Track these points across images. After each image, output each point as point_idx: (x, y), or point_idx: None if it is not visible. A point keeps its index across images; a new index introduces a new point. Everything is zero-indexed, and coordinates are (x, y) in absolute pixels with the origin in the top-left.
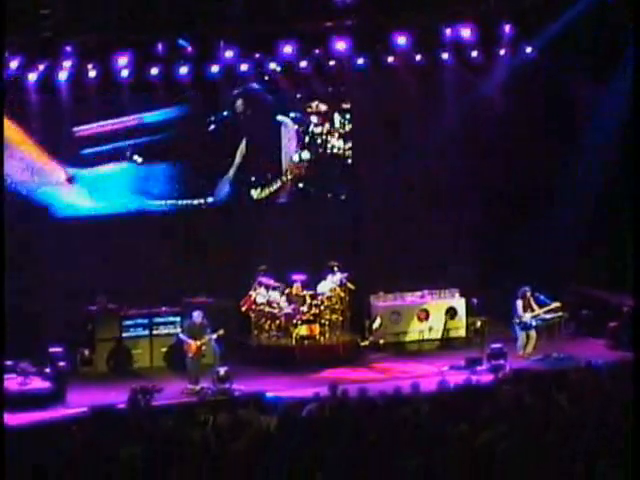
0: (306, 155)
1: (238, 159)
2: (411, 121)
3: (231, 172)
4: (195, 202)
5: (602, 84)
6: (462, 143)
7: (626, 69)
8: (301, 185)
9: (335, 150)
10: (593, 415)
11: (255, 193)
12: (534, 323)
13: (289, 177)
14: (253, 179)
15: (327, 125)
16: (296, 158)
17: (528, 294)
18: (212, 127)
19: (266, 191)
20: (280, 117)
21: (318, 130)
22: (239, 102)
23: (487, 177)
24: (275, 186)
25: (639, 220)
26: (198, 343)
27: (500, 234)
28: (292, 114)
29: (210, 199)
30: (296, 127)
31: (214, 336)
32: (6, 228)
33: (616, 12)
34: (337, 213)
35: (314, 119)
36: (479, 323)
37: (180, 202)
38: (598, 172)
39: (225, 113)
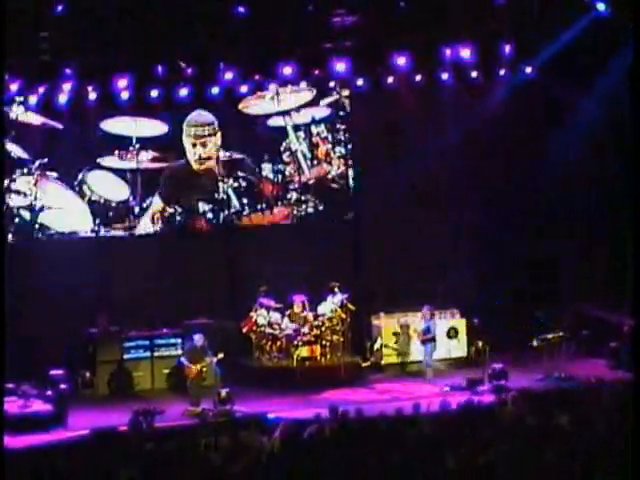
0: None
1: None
2: (412, 141)
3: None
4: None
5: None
6: (463, 162)
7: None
8: (302, 207)
9: (335, 172)
10: (594, 435)
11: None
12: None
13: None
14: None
15: (327, 146)
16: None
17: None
18: None
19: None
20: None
21: (318, 151)
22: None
23: (489, 194)
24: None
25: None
26: (198, 367)
27: (503, 250)
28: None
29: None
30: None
31: (215, 359)
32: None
33: (614, 27)
34: (337, 234)
35: (314, 140)
36: (480, 343)
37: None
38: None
39: None
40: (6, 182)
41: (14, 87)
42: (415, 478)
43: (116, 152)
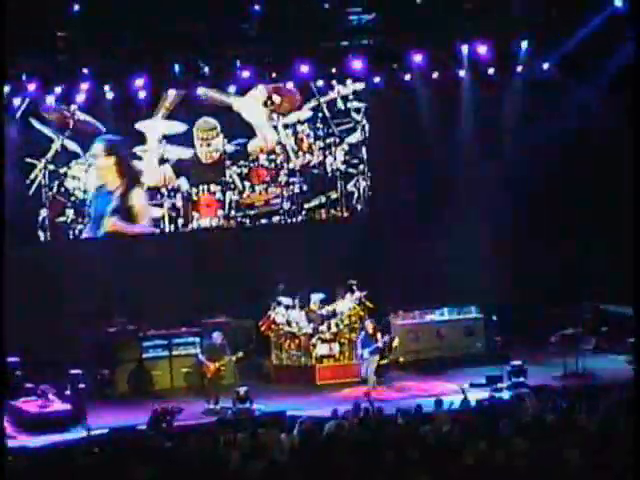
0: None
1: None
2: (428, 138)
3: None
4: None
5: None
6: (480, 160)
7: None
8: (290, 187)
9: (315, 161)
10: (614, 432)
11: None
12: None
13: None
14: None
15: (309, 141)
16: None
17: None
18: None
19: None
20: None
21: (302, 144)
22: None
23: (506, 192)
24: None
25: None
26: (217, 365)
27: (521, 248)
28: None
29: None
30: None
31: (233, 358)
32: (22, 249)
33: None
34: (356, 231)
35: (299, 136)
36: (499, 340)
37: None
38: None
39: None
40: (64, 169)
41: (32, 87)
42: (433, 475)
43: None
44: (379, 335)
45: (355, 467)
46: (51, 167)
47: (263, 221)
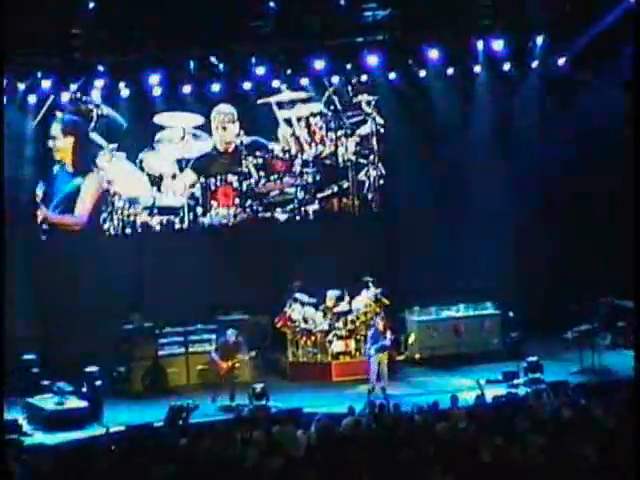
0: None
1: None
2: (444, 134)
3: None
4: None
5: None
6: (495, 157)
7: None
8: (304, 177)
9: (327, 151)
10: (631, 428)
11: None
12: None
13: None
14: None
15: (322, 133)
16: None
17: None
18: None
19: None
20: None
21: (315, 136)
22: None
23: (521, 188)
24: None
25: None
26: (230, 363)
27: (537, 245)
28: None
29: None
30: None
31: (246, 357)
32: (37, 245)
33: None
34: (371, 227)
35: (312, 128)
36: (515, 336)
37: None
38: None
39: None
40: None
41: (47, 84)
42: (449, 472)
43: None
44: (389, 333)
45: (371, 464)
46: None
47: (278, 210)
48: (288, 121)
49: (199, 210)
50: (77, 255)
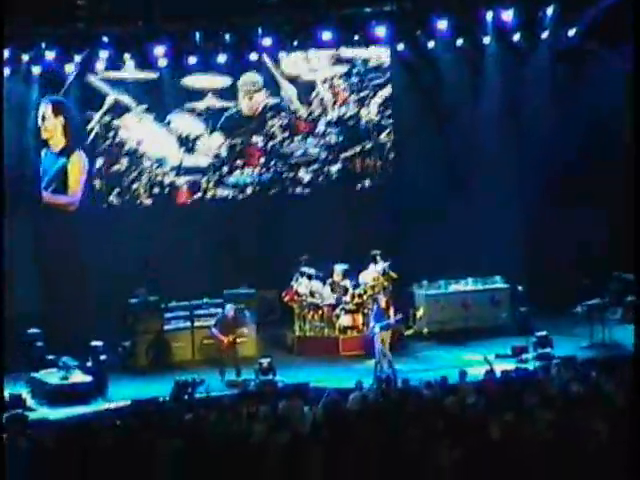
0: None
1: None
2: (453, 107)
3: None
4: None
5: None
6: (505, 128)
7: None
8: (327, 138)
9: (350, 113)
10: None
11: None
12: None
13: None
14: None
15: (345, 94)
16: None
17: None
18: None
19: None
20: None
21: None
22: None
23: (531, 162)
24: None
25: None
26: (230, 338)
27: (547, 217)
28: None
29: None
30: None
31: (247, 331)
32: (42, 219)
33: None
34: (378, 200)
35: (335, 90)
36: (524, 310)
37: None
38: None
39: None
40: (117, 122)
41: (51, 55)
42: (459, 448)
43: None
44: (391, 310)
45: (378, 440)
46: (106, 119)
47: (301, 170)
48: (312, 82)
49: (224, 170)
50: (82, 228)
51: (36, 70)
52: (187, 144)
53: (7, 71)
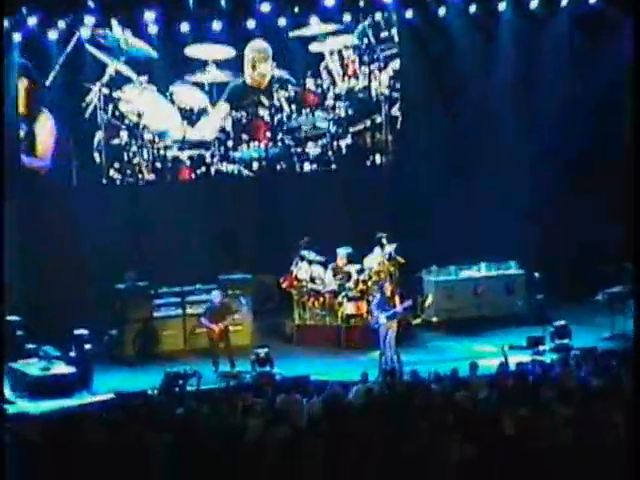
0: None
1: None
2: (464, 77)
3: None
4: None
5: None
6: (520, 100)
7: None
8: (336, 111)
9: (360, 85)
10: None
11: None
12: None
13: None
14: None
15: (355, 66)
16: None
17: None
18: None
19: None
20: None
21: (348, 69)
22: None
23: (546, 140)
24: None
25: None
26: (221, 326)
27: (565, 199)
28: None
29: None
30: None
31: (237, 316)
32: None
33: None
34: (385, 179)
35: (345, 62)
36: (541, 298)
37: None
38: None
39: None
40: (117, 94)
41: (32, 21)
42: (470, 445)
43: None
44: (397, 299)
45: (384, 436)
46: (105, 91)
47: (310, 144)
48: (320, 54)
49: (229, 144)
50: (76, 205)
51: (17, 37)
52: (190, 117)
53: None
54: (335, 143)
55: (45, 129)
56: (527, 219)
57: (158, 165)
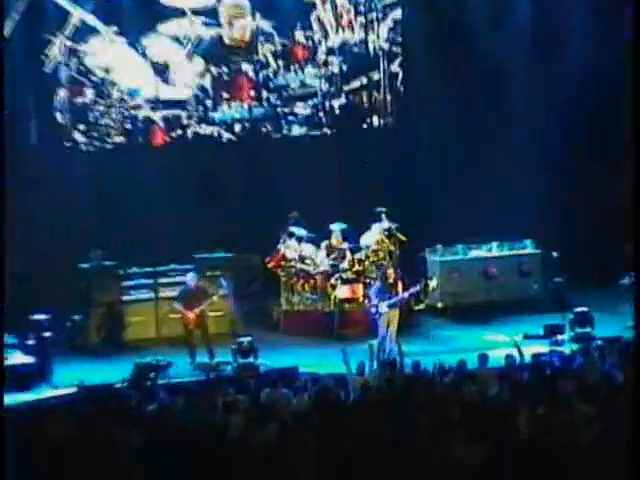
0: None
1: None
2: (474, 31)
3: None
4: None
5: None
6: (535, 56)
7: None
8: (329, 68)
9: (356, 38)
10: None
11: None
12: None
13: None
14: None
15: (350, 16)
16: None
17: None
18: None
19: None
20: None
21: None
22: None
23: (565, 96)
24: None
25: None
26: (198, 312)
27: (586, 171)
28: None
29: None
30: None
31: (215, 298)
32: None
33: None
34: (384, 147)
35: (339, 11)
36: (560, 281)
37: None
38: None
39: None
40: (82, 46)
41: None
42: (478, 445)
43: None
44: (400, 285)
45: (382, 435)
46: (69, 43)
47: (299, 104)
48: (312, 3)
49: (209, 103)
50: (34, 169)
51: None
52: (164, 73)
53: None
54: (327, 103)
55: None
56: (544, 192)
57: (128, 127)
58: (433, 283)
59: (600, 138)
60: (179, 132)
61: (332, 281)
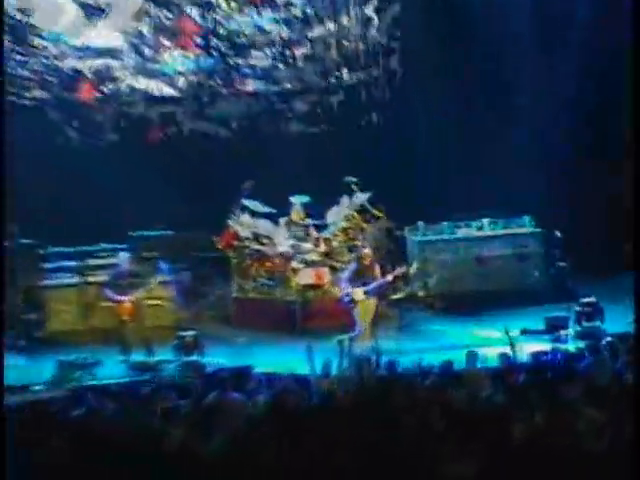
0: None
1: None
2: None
3: None
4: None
5: None
6: (538, 54)
7: None
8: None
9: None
10: None
11: None
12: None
13: None
14: None
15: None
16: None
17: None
18: None
19: None
20: None
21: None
22: None
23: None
24: None
25: None
26: (133, 299)
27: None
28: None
29: None
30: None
31: (153, 285)
32: None
33: None
34: (355, 110)
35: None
36: (563, 266)
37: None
38: None
39: None
40: None
41: None
42: (467, 455)
43: None
44: (377, 269)
45: (351, 447)
46: None
47: (255, 54)
48: None
49: (147, 52)
50: None
51: None
52: (92, 13)
53: None
54: (288, 52)
55: None
56: (546, 162)
57: (51, 80)
58: (413, 268)
59: (600, 138)
60: (111, 86)
61: (293, 264)
